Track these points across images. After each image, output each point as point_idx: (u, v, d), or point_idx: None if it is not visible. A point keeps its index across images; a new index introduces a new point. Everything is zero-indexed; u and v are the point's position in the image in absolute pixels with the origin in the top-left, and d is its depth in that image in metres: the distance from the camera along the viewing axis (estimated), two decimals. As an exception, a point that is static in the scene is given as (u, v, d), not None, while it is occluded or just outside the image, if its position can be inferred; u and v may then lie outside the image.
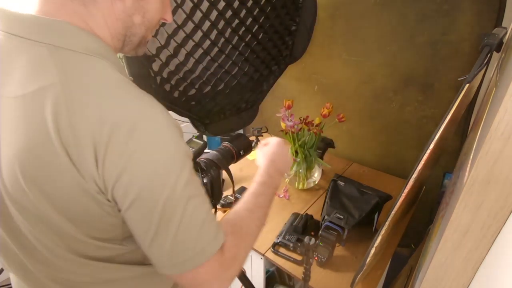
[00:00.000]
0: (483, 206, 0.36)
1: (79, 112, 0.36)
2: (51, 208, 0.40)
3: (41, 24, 0.38)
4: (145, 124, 0.37)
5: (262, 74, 1.30)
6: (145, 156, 0.37)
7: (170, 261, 0.41)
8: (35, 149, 0.37)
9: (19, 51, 0.38)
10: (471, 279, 0.42)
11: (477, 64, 0.57)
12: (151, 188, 0.38)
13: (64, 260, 0.44)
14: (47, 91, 0.36)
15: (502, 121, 0.32)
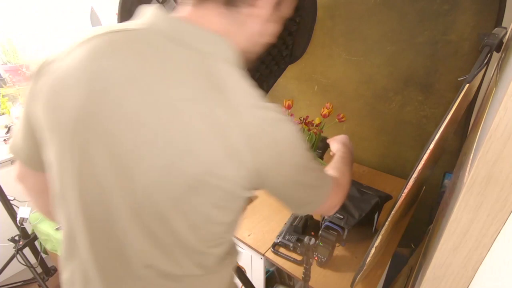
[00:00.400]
0: (483, 206, 0.36)
1: (241, 118, 0.41)
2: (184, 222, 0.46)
3: (200, 34, 0.45)
4: (283, 127, 0.45)
5: (262, 74, 1.30)
6: (289, 150, 0.46)
7: (311, 207, 0.58)
8: (216, 162, 0.42)
9: (178, 55, 0.43)
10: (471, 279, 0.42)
11: (477, 64, 0.57)
12: (294, 169, 0.48)
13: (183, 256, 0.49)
14: (209, 97, 0.41)
15: (502, 121, 0.32)
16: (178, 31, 0.45)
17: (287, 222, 1.08)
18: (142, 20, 0.47)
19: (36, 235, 1.43)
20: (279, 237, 1.02)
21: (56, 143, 0.46)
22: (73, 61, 0.44)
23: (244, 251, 1.11)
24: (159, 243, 0.47)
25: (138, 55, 0.43)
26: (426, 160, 0.60)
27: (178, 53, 0.43)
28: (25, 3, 1.85)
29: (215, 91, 0.41)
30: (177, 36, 0.44)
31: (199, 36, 0.45)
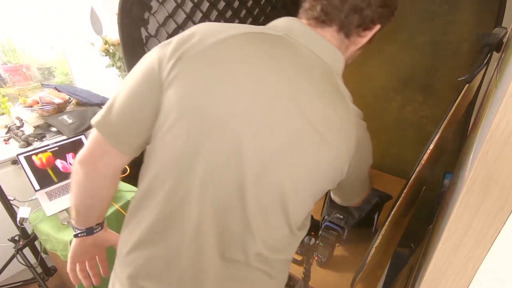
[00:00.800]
0: (483, 206, 0.36)
1: (355, 126, 0.55)
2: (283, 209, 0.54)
3: (329, 49, 0.55)
4: (367, 133, 0.60)
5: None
6: (368, 151, 0.63)
7: (359, 198, 0.75)
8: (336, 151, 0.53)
9: (312, 61, 0.53)
10: (471, 279, 0.42)
11: (477, 64, 0.57)
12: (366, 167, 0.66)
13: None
14: (342, 102, 0.53)
15: (502, 121, 0.32)
16: (311, 42, 0.53)
17: (287, 222, 1.08)
18: (278, 27, 0.55)
19: (36, 235, 1.42)
20: (279, 237, 1.02)
21: (195, 123, 0.49)
22: (228, 53, 0.49)
23: (244, 251, 1.11)
24: (272, 226, 0.55)
25: (281, 61, 0.51)
26: (426, 160, 0.60)
27: (308, 60, 0.53)
28: (25, 3, 1.85)
29: (339, 99, 0.53)
30: (309, 45, 0.53)
31: (327, 49, 0.54)
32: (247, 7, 1.04)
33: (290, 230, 0.57)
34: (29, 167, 1.37)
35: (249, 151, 0.49)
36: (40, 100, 1.73)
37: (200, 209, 0.52)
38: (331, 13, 0.54)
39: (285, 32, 0.54)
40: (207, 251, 0.53)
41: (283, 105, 0.49)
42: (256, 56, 0.50)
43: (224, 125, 0.49)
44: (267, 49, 0.51)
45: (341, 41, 0.56)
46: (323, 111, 0.51)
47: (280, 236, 0.57)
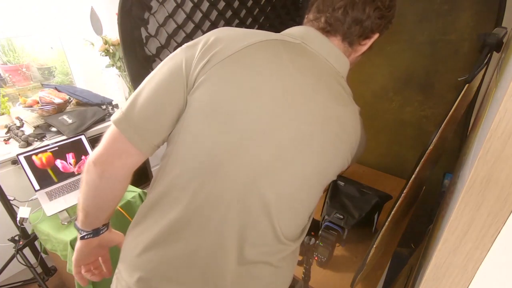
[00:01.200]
0: (483, 206, 0.36)
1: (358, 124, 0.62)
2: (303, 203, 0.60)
3: (339, 57, 0.61)
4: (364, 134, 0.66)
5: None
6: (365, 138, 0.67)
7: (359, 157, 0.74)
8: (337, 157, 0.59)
9: (325, 69, 0.58)
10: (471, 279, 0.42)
11: (477, 64, 0.57)
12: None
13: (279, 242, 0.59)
14: (349, 107, 0.60)
15: (502, 121, 0.32)
16: (325, 49, 0.59)
17: (287, 222, 1.08)
18: (295, 34, 0.59)
19: (36, 235, 1.42)
20: (279, 237, 1.02)
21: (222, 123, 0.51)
22: (255, 60, 0.53)
23: (244, 251, 1.11)
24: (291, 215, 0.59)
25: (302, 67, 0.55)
26: (426, 160, 0.61)
27: (323, 66, 0.58)
28: (25, 3, 1.85)
29: (349, 102, 0.59)
30: (323, 52, 0.58)
31: (337, 56, 0.60)
32: (247, 7, 1.04)
33: (302, 220, 0.62)
34: (29, 167, 1.37)
35: (273, 151, 0.53)
36: (40, 100, 1.73)
37: (224, 210, 0.53)
38: (335, 25, 0.59)
39: (302, 39, 0.58)
40: (227, 253, 0.54)
41: (307, 110, 0.54)
42: (281, 64, 0.54)
43: (252, 130, 0.51)
44: (290, 57, 0.55)
45: (345, 49, 0.61)
46: (338, 114, 0.57)
47: (295, 226, 0.61)
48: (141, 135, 0.53)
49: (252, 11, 1.06)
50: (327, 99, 0.56)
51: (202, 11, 0.94)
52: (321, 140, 0.55)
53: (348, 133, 0.58)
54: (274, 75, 0.53)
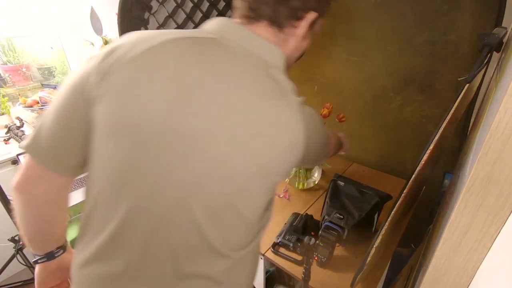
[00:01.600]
0: (483, 206, 0.36)
1: (300, 115, 0.53)
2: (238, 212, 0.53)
3: (265, 45, 0.53)
4: (315, 115, 0.59)
5: (262, 74, 1.30)
6: (320, 131, 0.61)
7: (323, 158, 0.73)
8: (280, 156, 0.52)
9: (247, 61, 0.51)
10: (471, 279, 0.42)
11: (477, 64, 0.57)
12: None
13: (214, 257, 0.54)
14: (278, 99, 0.51)
15: (502, 121, 0.32)
16: (245, 40, 0.52)
17: (287, 222, 1.08)
18: (211, 29, 0.53)
19: (36, 235, 1.43)
20: (279, 237, 1.02)
21: (129, 139, 0.46)
22: (151, 65, 0.46)
23: (244, 251, 1.11)
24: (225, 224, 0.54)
25: (216, 65, 0.49)
26: (426, 160, 0.60)
27: (245, 60, 0.51)
28: (25, 3, 1.85)
29: (280, 94, 0.51)
30: (244, 44, 0.52)
31: (262, 46, 0.53)
32: (247, 7, 1.04)
33: (247, 226, 0.56)
34: (29, 167, 1.37)
35: (188, 162, 0.47)
36: (40, 100, 1.73)
37: (145, 225, 0.49)
38: (258, 9, 0.53)
39: (219, 34, 0.52)
40: (161, 268, 0.51)
41: (221, 112, 0.47)
42: (189, 63, 0.47)
43: (158, 138, 0.46)
44: (201, 54, 0.48)
45: (275, 35, 0.55)
46: (265, 110, 0.49)
47: (237, 235, 0.56)
48: (54, 157, 0.51)
49: (252, 11, 1.06)
50: (250, 96, 0.49)
51: (202, 11, 0.94)
52: (248, 142, 0.48)
53: (280, 129, 0.50)
54: (182, 78, 0.46)
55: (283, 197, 1.25)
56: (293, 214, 1.11)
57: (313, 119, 0.56)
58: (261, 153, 0.50)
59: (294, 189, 1.31)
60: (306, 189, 1.31)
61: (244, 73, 0.50)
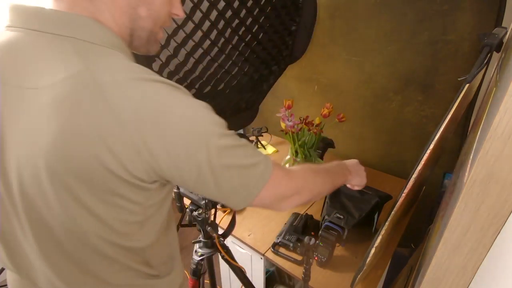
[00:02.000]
0: (483, 206, 0.36)
1: (112, 101, 0.37)
2: (76, 200, 0.41)
3: (61, 19, 0.41)
4: (165, 111, 0.40)
5: (262, 74, 1.30)
6: (176, 136, 0.40)
7: (237, 200, 0.47)
8: (72, 137, 0.38)
9: (41, 45, 0.40)
10: (471, 279, 0.42)
11: (477, 64, 0.57)
12: (191, 160, 0.41)
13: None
14: (77, 78, 0.37)
15: (502, 121, 0.32)
16: (36, 22, 0.41)
17: (287, 222, 1.08)
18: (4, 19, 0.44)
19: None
20: (279, 237, 1.02)
21: None
22: None
23: (244, 251, 1.11)
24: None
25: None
26: (426, 160, 0.60)
27: (37, 45, 0.40)
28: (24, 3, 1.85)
29: (77, 73, 0.38)
30: (36, 27, 0.41)
31: (57, 21, 0.41)
32: (247, 7, 1.04)
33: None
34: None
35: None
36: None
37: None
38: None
39: (9, 22, 0.43)
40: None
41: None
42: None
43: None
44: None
45: (77, 4, 0.42)
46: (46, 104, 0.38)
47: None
48: None
49: (252, 11, 1.06)
50: (28, 83, 0.39)
51: (202, 11, 0.94)
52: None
53: (72, 112, 0.37)
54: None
55: (283, 197, 1.25)
56: (293, 214, 1.11)
57: (161, 100, 0.39)
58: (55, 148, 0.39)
59: (294, 189, 1.30)
60: (306, 189, 1.30)
61: (28, 57, 0.40)
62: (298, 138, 1.20)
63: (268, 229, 1.09)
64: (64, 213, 0.42)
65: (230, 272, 1.06)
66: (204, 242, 0.94)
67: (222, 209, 1.18)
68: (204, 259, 0.96)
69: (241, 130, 1.91)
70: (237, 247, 1.13)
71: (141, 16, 0.47)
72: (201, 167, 0.42)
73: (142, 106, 0.38)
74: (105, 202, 0.42)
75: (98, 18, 0.43)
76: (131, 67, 0.41)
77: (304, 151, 1.21)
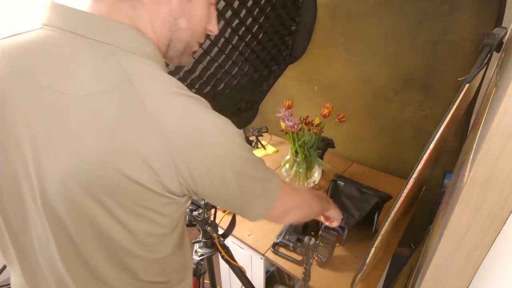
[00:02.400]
0: (483, 206, 0.36)
1: (155, 117, 0.37)
2: (107, 215, 0.41)
3: (101, 24, 0.40)
4: (203, 129, 0.40)
5: (262, 74, 1.30)
6: (213, 155, 0.41)
7: (257, 211, 0.50)
8: (113, 154, 0.37)
9: (77, 49, 0.39)
10: (471, 279, 0.42)
11: (477, 64, 0.57)
12: (224, 175, 0.43)
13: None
14: (120, 90, 0.37)
15: (502, 121, 0.32)
16: (75, 25, 0.40)
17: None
18: (37, 19, 0.42)
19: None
20: (279, 237, 1.02)
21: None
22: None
23: (244, 251, 1.11)
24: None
25: (42, 66, 0.39)
26: (426, 160, 0.60)
27: (74, 48, 0.39)
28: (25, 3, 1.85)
29: (120, 84, 0.37)
30: (74, 29, 0.40)
31: (97, 26, 0.40)
32: (247, 7, 1.04)
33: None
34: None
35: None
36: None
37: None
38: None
39: (46, 21, 0.41)
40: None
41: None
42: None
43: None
44: (13, 61, 0.40)
45: (118, 9, 0.41)
46: (85, 103, 0.37)
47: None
48: None
49: (252, 11, 1.06)
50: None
51: (202, 11, 0.94)
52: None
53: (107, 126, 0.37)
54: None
55: (283, 197, 1.25)
56: (293, 214, 1.11)
57: (200, 118, 0.40)
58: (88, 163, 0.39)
59: (294, 189, 1.30)
60: (306, 189, 1.31)
61: (70, 77, 0.39)
62: (298, 138, 1.20)
63: (268, 229, 1.09)
64: (91, 226, 0.42)
65: (230, 272, 1.06)
66: (204, 242, 0.94)
67: (222, 209, 1.18)
68: (204, 259, 0.96)
69: (241, 130, 1.91)
70: (237, 247, 1.13)
71: (181, 27, 0.47)
72: (231, 180, 0.44)
73: (183, 125, 0.39)
74: (136, 215, 0.42)
75: (137, 26, 0.43)
76: (168, 80, 0.41)
77: (304, 151, 1.21)
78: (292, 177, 1.30)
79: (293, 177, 1.30)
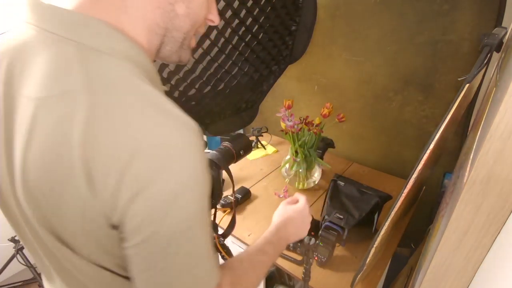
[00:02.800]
0: (483, 206, 0.36)
1: (104, 130, 0.31)
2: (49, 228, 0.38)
3: (73, 20, 0.35)
4: (165, 152, 0.32)
5: (262, 74, 1.30)
6: (163, 186, 0.32)
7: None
8: (51, 161, 0.33)
9: (43, 46, 0.35)
10: (471, 279, 0.42)
11: (477, 64, 0.57)
12: (164, 222, 0.33)
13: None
14: (72, 97, 0.32)
15: (502, 121, 0.32)
16: (49, 22, 0.36)
17: (287, 222, 1.08)
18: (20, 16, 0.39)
19: (36, 235, 1.43)
20: (279, 237, 1.02)
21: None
22: None
23: (244, 251, 1.11)
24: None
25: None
26: (426, 160, 0.60)
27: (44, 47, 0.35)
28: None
29: (72, 89, 0.32)
30: (47, 27, 0.36)
31: (71, 23, 0.35)
32: (247, 7, 1.04)
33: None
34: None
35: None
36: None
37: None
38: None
39: (27, 18, 0.38)
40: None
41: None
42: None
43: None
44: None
45: (102, 2, 0.36)
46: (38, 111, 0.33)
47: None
48: None
49: (252, 11, 1.06)
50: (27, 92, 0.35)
51: (202, 11, 0.94)
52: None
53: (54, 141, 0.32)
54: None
55: (283, 197, 1.25)
56: (293, 214, 1.11)
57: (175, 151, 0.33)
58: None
59: (294, 189, 1.31)
60: (306, 189, 1.31)
61: (36, 65, 0.35)
62: (298, 138, 1.20)
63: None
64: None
65: (230, 272, 1.06)
66: (204, 242, 0.94)
67: (222, 209, 1.18)
68: (204, 259, 0.96)
69: (241, 130, 1.91)
70: (237, 247, 1.13)
71: (178, 13, 0.41)
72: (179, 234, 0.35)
73: (142, 151, 0.31)
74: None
75: (122, 22, 0.37)
76: (142, 89, 0.34)
77: (304, 151, 1.21)
78: (292, 177, 1.30)
79: (293, 177, 1.30)
